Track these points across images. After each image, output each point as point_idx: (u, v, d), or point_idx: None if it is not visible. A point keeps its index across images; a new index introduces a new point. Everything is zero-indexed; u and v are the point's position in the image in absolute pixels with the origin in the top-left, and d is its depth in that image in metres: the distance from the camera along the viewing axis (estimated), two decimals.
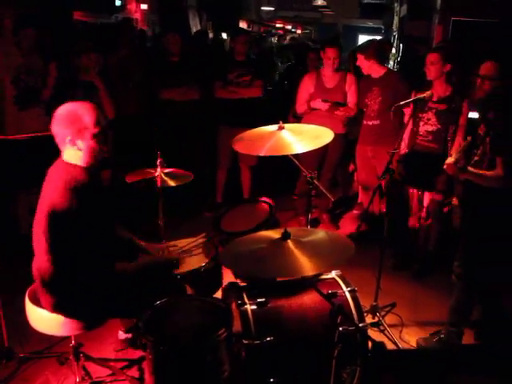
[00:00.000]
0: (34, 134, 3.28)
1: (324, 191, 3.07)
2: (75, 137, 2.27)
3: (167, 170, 3.17)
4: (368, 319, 3.23)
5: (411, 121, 3.80)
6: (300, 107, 4.60)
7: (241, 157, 5.00)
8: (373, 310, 3.34)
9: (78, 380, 2.58)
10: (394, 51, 11.73)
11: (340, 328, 2.01)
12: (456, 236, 3.19)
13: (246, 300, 2.32)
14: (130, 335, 2.93)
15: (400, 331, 3.31)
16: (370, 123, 4.37)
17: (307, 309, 2.35)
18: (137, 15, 11.88)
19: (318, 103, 4.39)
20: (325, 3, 22.52)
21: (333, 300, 2.16)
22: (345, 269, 2.56)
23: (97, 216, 2.29)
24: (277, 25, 23.18)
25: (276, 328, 2.27)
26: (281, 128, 2.77)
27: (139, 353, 2.69)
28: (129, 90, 4.84)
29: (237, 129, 3.38)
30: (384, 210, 3.80)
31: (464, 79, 3.87)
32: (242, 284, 2.51)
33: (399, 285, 3.89)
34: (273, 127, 2.81)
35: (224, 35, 13.72)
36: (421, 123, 3.84)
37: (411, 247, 4.24)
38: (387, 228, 3.33)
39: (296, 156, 2.87)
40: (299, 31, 24.46)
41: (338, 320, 1.99)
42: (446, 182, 3.71)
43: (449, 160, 2.86)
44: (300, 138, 2.71)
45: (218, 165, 5.16)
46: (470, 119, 3.71)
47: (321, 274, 2.52)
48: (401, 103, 3.49)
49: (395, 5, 15.57)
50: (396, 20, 15.14)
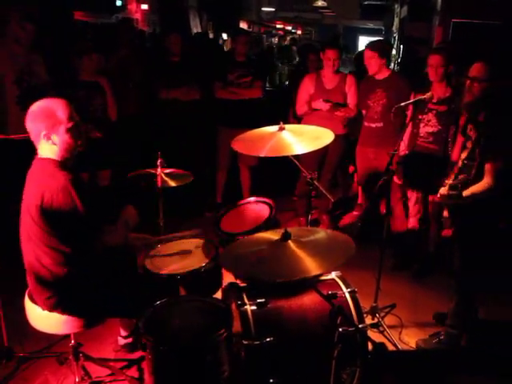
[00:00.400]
0: None
1: (324, 192, 3.06)
2: (50, 131, 2.29)
3: (167, 170, 3.18)
4: (368, 320, 3.23)
5: (411, 122, 3.79)
6: (300, 108, 4.60)
7: (240, 157, 5.00)
8: (372, 311, 3.34)
9: (78, 380, 2.58)
10: (395, 52, 11.76)
11: (340, 329, 2.01)
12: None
13: (246, 300, 2.32)
14: (130, 340, 2.93)
15: (399, 332, 3.31)
16: (373, 125, 4.31)
17: (307, 309, 2.35)
18: (137, 15, 11.91)
19: (320, 103, 4.39)
20: (325, 4, 22.60)
21: (333, 301, 2.15)
22: (345, 269, 2.56)
23: (81, 209, 2.26)
24: (277, 25, 23.21)
25: (276, 328, 2.27)
26: (281, 129, 2.78)
27: (139, 353, 2.69)
28: (129, 90, 4.83)
29: (236, 129, 3.38)
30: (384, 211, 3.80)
31: (464, 80, 3.87)
32: (242, 284, 2.50)
33: (399, 285, 3.89)
34: (273, 128, 2.82)
35: (224, 35, 13.74)
36: (421, 125, 3.84)
37: (411, 248, 4.23)
38: (387, 228, 3.32)
39: (296, 157, 2.87)
40: (299, 32, 24.49)
41: (338, 321, 1.98)
42: None
43: (442, 190, 2.84)
44: (300, 139, 2.72)
45: (218, 165, 5.16)
46: None
47: (321, 275, 2.52)
48: (401, 104, 3.48)
49: (396, 6, 15.62)
50: (396, 21, 15.18)
